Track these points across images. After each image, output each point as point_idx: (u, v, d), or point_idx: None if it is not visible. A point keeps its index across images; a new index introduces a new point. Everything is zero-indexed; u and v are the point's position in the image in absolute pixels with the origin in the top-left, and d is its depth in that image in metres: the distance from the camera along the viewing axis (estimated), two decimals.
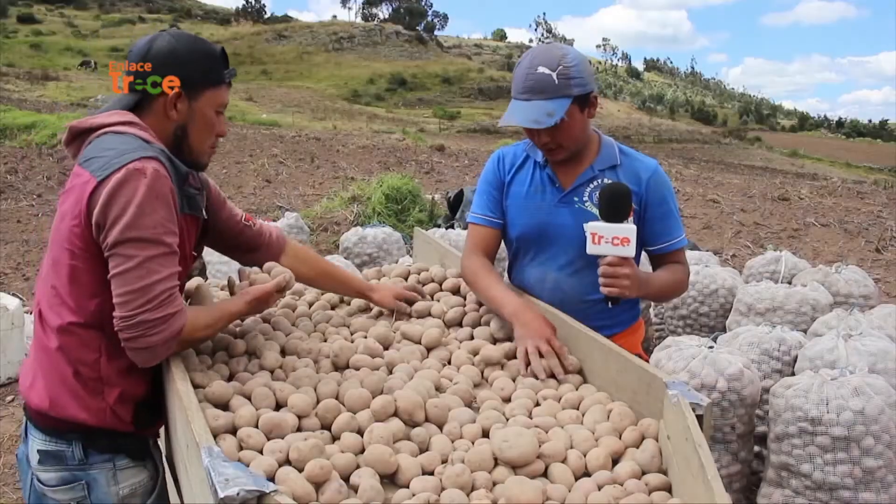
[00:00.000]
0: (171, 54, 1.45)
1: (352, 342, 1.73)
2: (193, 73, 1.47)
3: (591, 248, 1.62)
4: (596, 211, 1.81)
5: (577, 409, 1.47)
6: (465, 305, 1.94)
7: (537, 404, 1.51)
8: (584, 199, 1.86)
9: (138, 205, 1.32)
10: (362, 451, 1.27)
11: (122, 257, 1.33)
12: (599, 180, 1.85)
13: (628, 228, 1.60)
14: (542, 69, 1.70)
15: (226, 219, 1.74)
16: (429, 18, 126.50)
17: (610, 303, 1.67)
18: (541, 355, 1.62)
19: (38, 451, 1.47)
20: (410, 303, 1.94)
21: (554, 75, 1.69)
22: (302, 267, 1.85)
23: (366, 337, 1.76)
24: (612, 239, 1.59)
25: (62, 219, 1.42)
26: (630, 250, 1.60)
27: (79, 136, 1.48)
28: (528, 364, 1.62)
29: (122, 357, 1.41)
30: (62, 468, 1.46)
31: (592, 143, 1.89)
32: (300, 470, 1.16)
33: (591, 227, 1.61)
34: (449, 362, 1.70)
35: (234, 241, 1.78)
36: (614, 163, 1.88)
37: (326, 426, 1.36)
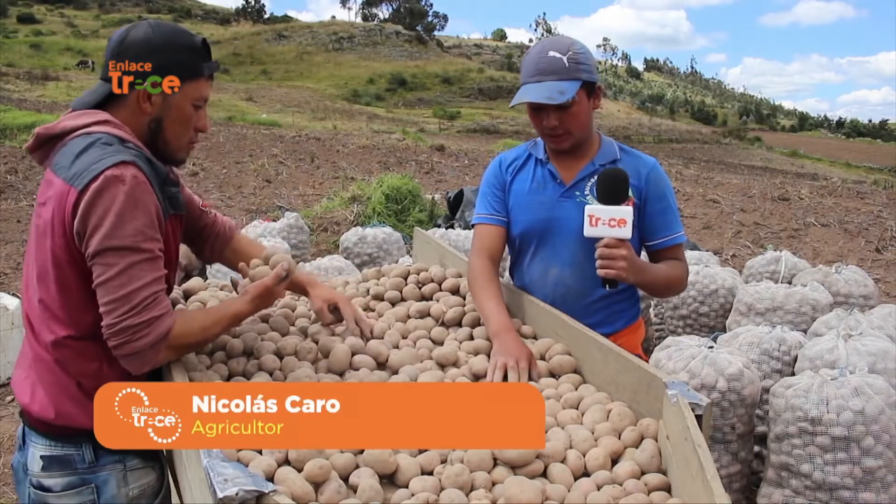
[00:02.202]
0: (146, 43, 1.40)
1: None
2: (169, 63, 1.41)
3: (588, 231, 1.64)
4: (595, 203, 1.83)
5: (577, 408, 1.47)
6: (464, 305, 1.94)
7: None
8: (586, 192, 1.88)
9: (117, 213, 1.30)
10: (362, 450, 1.27)
11: (103, 266, 1.32)
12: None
13: (625, 210, 1.62)
14: (552, 53, 1.78)
15: (187, 202, 1.69)
16: (429, 18, 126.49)
17: (607, 285, 1.69)
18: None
19: (42, 456, 1.44)
20: (339, 317, 1.75)
21: (564, 59, 1.77)
22: (239, 259, 1.77)
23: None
24: (608, 220, 1.62)
25: (43, 232, 1.38)
26: (626, 232, 1.62)
27: (47, 142, 1.44)
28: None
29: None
30: (69, 472, 1.44)
31: (593, 140, 1.94)
32: (299, 470, 1.16)
33: (588, 209, 1.64)
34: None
35: (191, 227, 1.72)
36: (614, 158, 1.91)
37: None
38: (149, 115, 1.44)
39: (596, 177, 1.87)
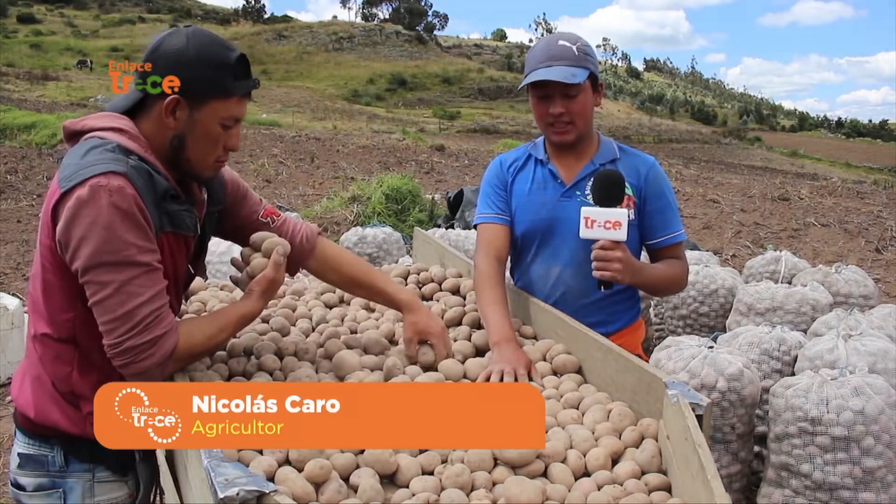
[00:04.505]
0: (177, 55, 1.33)
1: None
2: (198, 79, 1.34)
3: (583, 233, 1.65)
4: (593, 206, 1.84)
5: (577, 408, 1.47)
6: (464, 305, 1.93)
7: None
8: (587, 192, 1.88)
9: (105, 226, 1.24)
10: (362, 450, 1.27)
11: (97, 284, 1.26)
12: None
13: (619, 212, 1.63)
14: (562, 42, 1.82)
15: (244, 216, 1.64)
16: (429, 18, 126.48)
17: (602, 287, 1.70)
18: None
19: (20, 454, 1.44)
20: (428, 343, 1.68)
21: (574, 48, 1.81)
22: (330, 274, 1.73)
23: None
24: (604, 223, 1.63)
25: (41, 229, 1.36)
26: (621, 234, 1.63)
27: (73, 137, 1.40)
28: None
29: (94, 372, 1.38)
30: (42, 473, 1.43)
31: (592, 140, 1.95)
32: (300, 470, 1.16)
33: (584, 211, 1.65)
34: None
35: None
36: (614, 157, 1.92)
37: None
38: (172, 130, 1.37)
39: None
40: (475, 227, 2.03)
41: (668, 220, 1.90)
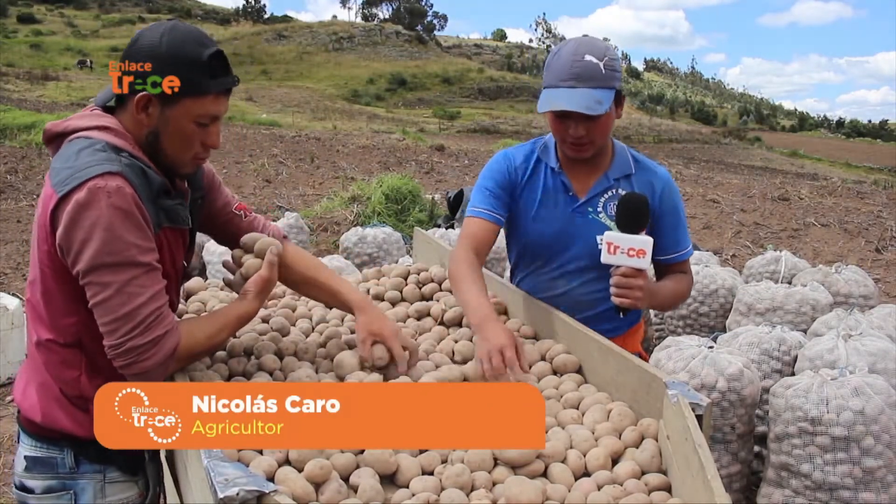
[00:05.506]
0: (149, 51, 1.32)
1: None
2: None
3: (605, 258, 1.60)
4: (609, 222, 1.81)
5: (577, 408, 1.47)
6: None
7: None
8: (599, 209, 1.83)
9: (105, 228, 1.24)
10: (362, 450, 1.27)
11: (98, 285, 1.26)
12: (614, 190, 1.83)
13: (644, 240, 1.58)
14: (589, 58, 1.66)
15: (220, 207, 1.64)
16: (429, 18, 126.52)
17: (621, 313, 1.66)
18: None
19: (26, 457, 1.44)
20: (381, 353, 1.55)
21: (601, 65, 1.66)
22: (284, 271, 1.63)
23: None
24: (627, 250, 1.58)
25: (36, 235, 1.35)
26: (645, 262, 1.58)
27: (56, 139, 1.39)
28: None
29: (102, 374, 1.37)
30: (51, 476, 1.43)
31: (607, 150, 1.86)
32: (300, 470, 1.16)
33: (607, 236, 1.60)
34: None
35: (222, 230, 1.66)
36: (629, 171, 1.85)
37: None
38: (146, 126, 1.37)
39: (609, 192, 1.83)
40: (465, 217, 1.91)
41: (679, 238, 1.87)
